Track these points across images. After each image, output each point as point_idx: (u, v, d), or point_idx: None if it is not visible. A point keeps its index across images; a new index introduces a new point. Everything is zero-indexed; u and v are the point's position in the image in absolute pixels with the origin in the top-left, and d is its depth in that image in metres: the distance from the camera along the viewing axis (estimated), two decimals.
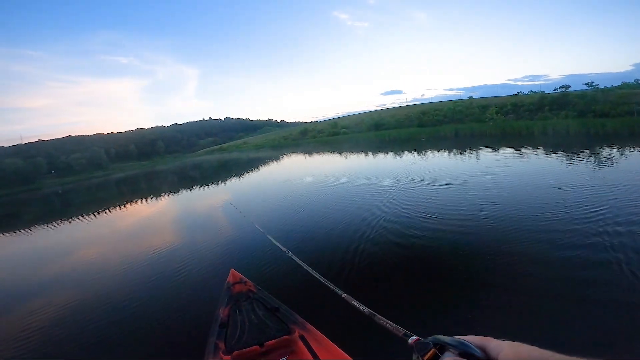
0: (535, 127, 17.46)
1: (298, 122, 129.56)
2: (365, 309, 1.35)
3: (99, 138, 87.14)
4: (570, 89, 23.04)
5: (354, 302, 1.51)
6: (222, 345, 2.46)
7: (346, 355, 2.13)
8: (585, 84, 21.48)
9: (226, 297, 3.16)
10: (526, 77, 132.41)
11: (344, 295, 1.67)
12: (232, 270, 3.69)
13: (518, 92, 30.95)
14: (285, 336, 2.43)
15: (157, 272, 5.53)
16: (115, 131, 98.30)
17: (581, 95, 20.73)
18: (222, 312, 2.89)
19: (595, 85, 21.27)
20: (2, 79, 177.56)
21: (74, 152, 66.23)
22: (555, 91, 24.20)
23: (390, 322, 1.03)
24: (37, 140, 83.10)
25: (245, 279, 3.48)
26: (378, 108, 70.49)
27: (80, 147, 70.06)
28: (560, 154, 10.76)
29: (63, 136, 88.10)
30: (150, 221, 10.49)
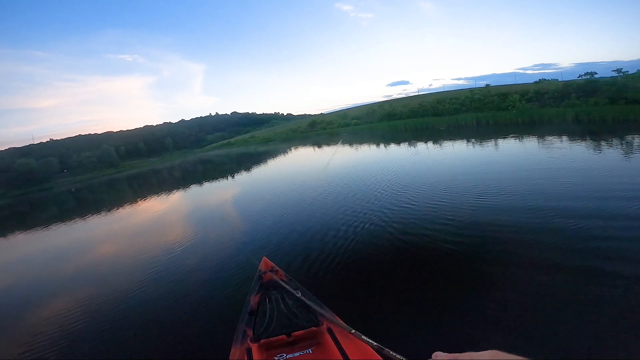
0: (567, 114, 16.57)
1: (305, 114, 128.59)
2: (374, 344, 1.44)
3: (109, 136, 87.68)
4: (600, 75, 21.92)
5: (363, 337, 1.57)
6: (250, 332, 2.48)
7: (372, 349, 2.01)
8: (614, 70, 20.49)
9: (257, 285, 3.16)
10: (536, 65, 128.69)
11: (352, 331, 1.71)
12: (265, 258, 3.68)
13: (540, 79, 29.81)
14: (313, 327, 2.42)
15: (191, 259, 5.69)
16: (125, 129, 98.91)
17: (611, 81, 19.67)
18: (253, 300, 2.90)
19: (625, 71, 20.21)
20: (11, 80, 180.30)
21: (84, 150, 66.62)
22: (580, 78, 23.07)
23: (399, 356, 1.07)
24: (49, 140, 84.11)
25: (277, 267, 3.47)
26: (385, 99, 69.15)
27: (90, 146, 70.44)
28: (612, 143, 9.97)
29: (74, 135, 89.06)
30: (180, 213, 10.37)
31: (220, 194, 12.39)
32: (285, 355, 2.25)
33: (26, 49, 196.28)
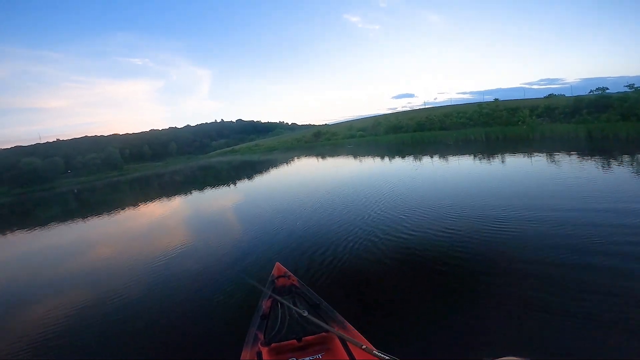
0: (580, 131, 16.24)
1: (309, 124, 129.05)
2: (387, 357, 1.45)
3: (114, 138, 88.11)
4: (609, 91, 21.57)
5: (375, 352, 1.58)
6: (261, 336, 2.50)
7: (382, 355, 2.05)
8: (626, 85, 20.14)
9: (270, 289, 3.16)
10: (542, 80, 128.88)
11: (364, 347, 1.73)
12: (278, 263, 3.72)
13: (549, 94, 29.70)
14: (323, 333, 2.41)
15: (203, 262, 5.62)
16: (130, 132, 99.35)
17: (623, 97, 19.37)
18: (265, 304, 2.91)
19: (637, 87, 19.87)
20: (22, 80, 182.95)
21: (90, 152, 66.89)
22: (591, 93, 22.85)
23: None
24: (55, 140, 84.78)
25: (290, 273, 3.49)
26: (389, 111, 69.39)
27: (96, 147, 70.75)
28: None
29: (80, 136, 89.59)
30: (191, 216, 10.24)
31: (230, 200, 12.15)
32: (295, 359, 2.25)
33: (40, 49, 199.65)
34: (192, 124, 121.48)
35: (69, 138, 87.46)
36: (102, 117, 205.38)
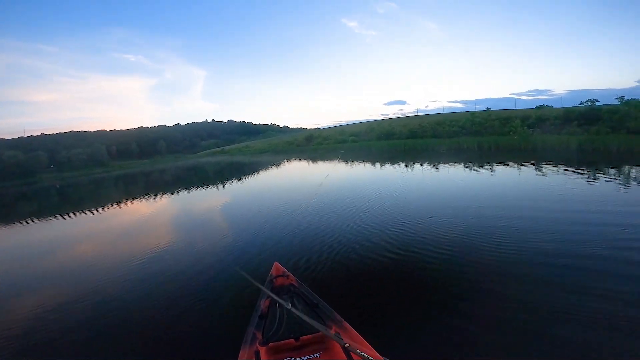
0: (571, 143, 16.34)
1: (301, 128, 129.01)
2: (370, 358, 1.54)
3: (101, 134, 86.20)
4: (597, 103, 21.99)
5: (358, 351, 1.65)
6: (259, 335, 2.49)
7: (379, 355, 2.09)
8: (616, 98, 20.55)
9: (268, 289, 3.08)
10: (530, 91, 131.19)
11: (347, 345, 1.77)
12: (276, 263, 3.71)
13: (539, 105, 30.10)
14: (321, 332, 2.33)
15: (202, 262, 5.44)
16: (118, 128, 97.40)
17: (613, 109, 19.70)
18: (263, 304, 2.91)
19: (627, 99, 20.26)
20: (12, 72, 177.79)
21: (75, 147, 65.05)
22: (582, 105, 23.25)
23: None
24: (40, 134, 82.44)
25: (288, 272, 3.49)
26: (381, 117, 69.84)
27: (81, 143, 68.94)
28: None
29: (66, 131, 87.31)
30: (185, 216, 9.96)
31: (225, 200, 11.87)
32: (292, 358, 2.25)
33: (35, 42, 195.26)
34: (183, 123, 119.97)
35: (55, 132, 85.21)
36: (92, 112, 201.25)
